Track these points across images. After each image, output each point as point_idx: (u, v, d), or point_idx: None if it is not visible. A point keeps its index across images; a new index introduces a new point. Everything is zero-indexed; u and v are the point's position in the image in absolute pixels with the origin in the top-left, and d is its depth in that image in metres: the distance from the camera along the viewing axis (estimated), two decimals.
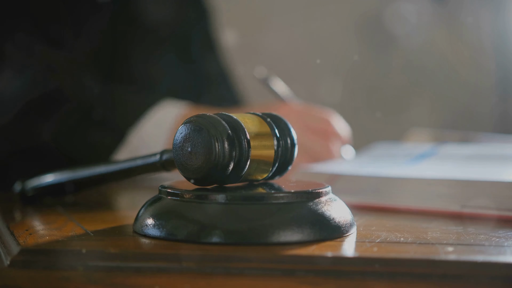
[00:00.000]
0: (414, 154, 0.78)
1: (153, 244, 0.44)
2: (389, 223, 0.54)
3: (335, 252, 0.42)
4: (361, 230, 0.49)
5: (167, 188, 0.47)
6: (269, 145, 0.48)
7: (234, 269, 0.40)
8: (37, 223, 0.55)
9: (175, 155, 0.47)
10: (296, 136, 0.50)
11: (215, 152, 0.44)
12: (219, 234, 0.43)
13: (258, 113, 0.50)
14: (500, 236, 0.47)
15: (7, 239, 0.46)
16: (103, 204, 0.71)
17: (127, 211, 0.62)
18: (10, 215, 0.58)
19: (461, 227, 0.51)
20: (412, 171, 0.68)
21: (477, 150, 0.81)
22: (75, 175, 0.60)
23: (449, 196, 0.58)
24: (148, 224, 0.46)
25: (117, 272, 0.40)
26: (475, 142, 0.96)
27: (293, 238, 0.43)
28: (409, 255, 0.41)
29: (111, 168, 0.58)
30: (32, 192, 0.62)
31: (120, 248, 0.43)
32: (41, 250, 0.42)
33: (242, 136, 0.45)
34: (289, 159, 0.50)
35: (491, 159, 0.74)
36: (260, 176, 0.49)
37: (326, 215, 0.45)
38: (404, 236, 0.46)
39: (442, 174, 0.65)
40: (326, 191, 0.47)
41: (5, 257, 0.43)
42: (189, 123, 0.46)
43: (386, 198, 0.62)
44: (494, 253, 0.43)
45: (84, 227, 0.49)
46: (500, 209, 0.55)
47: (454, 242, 0.45)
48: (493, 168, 0.68)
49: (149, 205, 0.47)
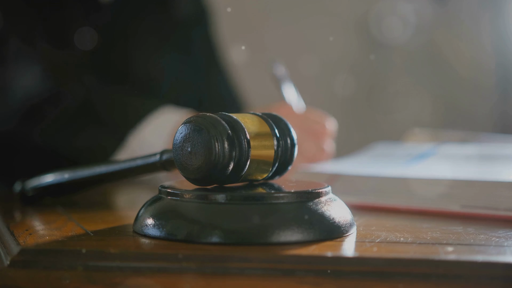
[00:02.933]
0: (414, 154, 0.78)
1: (153, 244, 0.44)
2: (389, 223, 0.54)
3: (335, 252, 0.42)
4: (361, 230, 0.49)
5: (167, 188, 0.47)
6: (269, 145, 0.48)
7: (234, 269, 0.40)
8: (37, 223, 0.55)
9: (175, 155, 0.47)
10: (296, 136, 0.50)
11: (215, 152, 0.44)
12: (219, 234, 0.43)
13: (258, 113, 0.50)
14: (500, 236, 0.47)
15: (7, 239, 0.46)
16: (103, 204, 0.71)
17: (127, 211, 0.62)
18: (10, 215, 0.58)
19: (461, 227, 0.51)
20: (412, 171, 0.68)
21: (477, 150, 0.81)
22: (75, 175, 0.60)
23: (449, 196, 0.58)
24: (148, 224, 0.46)
25: (117, 272, 0.40)
26: (475, 142, 0.95)
27: (293, 238, 0.43)
28: (409, 255, 0.41)
29: (111, 168, 0.58)
30: (32, 192, 0.62)
31: (120, 248, 0.43)
32: (41, 250, 0.42)
33: (242, 136, 0.45)
34: (289, 159, 0.50)
35: (491, 159, 0.74)
36: (260, 176, 0.49)
37: (326, 215, 0.45)
38: (404, 236, 0.46)
39: (442, 174, 0.65)
40: (326, 191, 0.47)
41: (5, 257, 0.43)
42: (189, 123, 0.46)
43: (386, 198, 0.62)
44: (494, 253, 0.43)
45: (84, 227, 0.49)
46: (500, 209, 0.55)
47: (454, 242, 0.45)
48: (493, 168, 0.68)
49: (149, 205, 0.47)
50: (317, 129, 0.84)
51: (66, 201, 0.64)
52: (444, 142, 0.92)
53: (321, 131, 0.84)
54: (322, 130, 0.85)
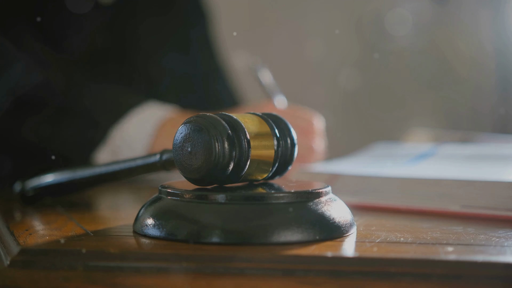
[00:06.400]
0: (414, 154, 0.78)
1: (153, 244, 0.44)
2: (389, 223, 0.54)
3: (335, 252, 0.42)
4: (361, 230, 0.49)
5: (167, 188, 0.47)
6: (269, 145, 0.48)
7: (234, 269, 0.40)
8: (37, 223, 0.55)
9: (175, 155, 0.47)
10: (296, 136, 0.50)
11: (215, 152, 0.44)
12: (219, 234, 0.43)
13: (258, 113, 0.50)
14: (500, 236, 0.47)
15: (7, 239, 0.46)
16: (103, 204, 0.71)
17: (127, 211, 0.62)
18: (10, 215, 0.58)
19: (461, 227, 0.51)
20: (412, 171, 0.68)
21: (477, 150, 0.81)
22: (75, 175, 0.60)
23: (449, 196, 0.58)
24: (148, 224, 0.46)
25: (117, 272, 0.40)
26: (475, 142, 0.96)
27: (293, 238, 0.43)
28: (409, 255, 0.41)
29: (111, 168, 0.58)
30: (32, 192, 0.62)
31: (120, 248, 0.43)
32: (41, 250, 0.42)
33: (242, 136, 0.45)
34: (289, 159, 0.50)
35: (491, 159, 0.74)
36: (260, 176, 0.49)
37: (326, 215, 0.45)
38: (404, 236, 0.46)
39: (442, 174, 0.65)
40: (326, 191, 0.47)
41: (5, 257, 0.43)
42: (189, 123, 0.46)
43: (386, 198, 0.62)
44: (494, 253, 0.43)
45: (84, 227, 0.49)
46: (500, 209, 0.55)
47: (454, 242, 0.45)
48: (493, 168, 0.68)
49: (149, 205, 0.47)
50: (305, 126, 0.82)
51: (66, 201, 0.64)
52: (444, 142, 0.92)
53: (308, 129, 0.82)
54: (310, 127, 0.82)
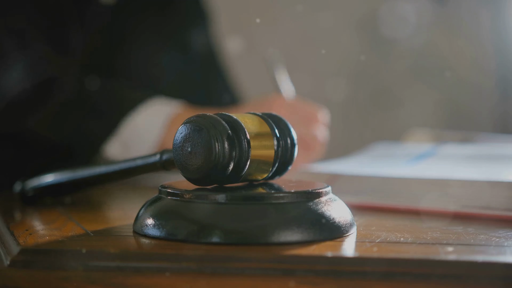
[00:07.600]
0: (414, 154, 0.78)
1: (153, 244, 0.44)
2: (389, 223, 0.54)
3: (335, 252, 0.42)
4: (361, 230, 0.49)
5: (167, 188, 0.47)
6: (269, 145, 0.48)
7: (234, 269, 0.40)
8: (37, 223, 0.55)
9: (175, 155, 0.47)
10: (296, 136, 0.50)
11: (215, 152, 0.44)
12: (219, 234, 0.43)
13: (258, 113, 0.50)
14: (500, 236, 0.47)
15: (7, 239, 0.46)
16: (103, 204, 0.71)
17: (127, 211, 0.62)
18: (10, 215, 0.58)
19: (461, 227, 0.51)
20: (412, 171, 0.68)
21: (477, 150, 0.81)
22: (75, 175, 0.60)
23: (449, 196, 0.58)
24: (148, 224, 0.46)
25: (117, 272, 0.40)
26: (475, 142, 0.96)
27: (293, 238, 0.43)
28: (409, 255, 0.41)
29: (111, 168, 0.58)
30: (32, 192, 0.62)
31: (120, 248, 0.43)
32: (41, 250, 0.42)
33: (242, 136, 0.45)
34: (289, 159, 0.50)
35: (491, 159, 0.74)
36: (260, 176, 0.49)
37: (326, 215, 0.45)
38: (404, 236, 0.46)
39: (442, 174, 0.65)
40: (326, 191, 0.47)
41: (5, 257, 0.43)
42: (189, 123, 0.46)
43: (386, 198, 0.62)
44: (494, 253, 0.43)
45: (84, 227, 0.49)
46: (500, 209, 0.55)
47: (454, 242, 0.45)
48: (493, 168, 0.68)
49: (149, 205, 0.47)
50: (310, 114, 0.83)
51: (66, 201, 0.64)
52: (444, 142, 0.92)
53: (313, 117, 0.83)
54: (315, 116, 0.84)
